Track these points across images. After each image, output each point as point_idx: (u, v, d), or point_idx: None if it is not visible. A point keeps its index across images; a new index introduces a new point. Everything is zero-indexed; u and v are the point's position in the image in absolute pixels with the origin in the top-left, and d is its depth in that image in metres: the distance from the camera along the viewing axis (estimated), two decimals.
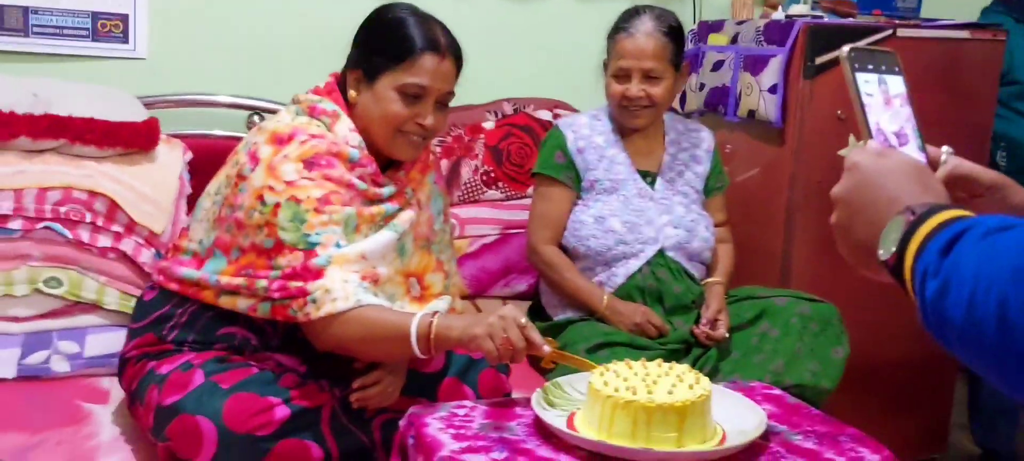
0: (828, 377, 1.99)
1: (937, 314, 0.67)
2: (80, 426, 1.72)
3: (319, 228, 1.49)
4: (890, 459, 1.30)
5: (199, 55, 2.43)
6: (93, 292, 1.96)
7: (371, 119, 1.62)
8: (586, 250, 2.13)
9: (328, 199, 1.52)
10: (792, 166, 2.34)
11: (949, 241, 0.68)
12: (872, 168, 0.81)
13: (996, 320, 0.61)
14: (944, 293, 0.66)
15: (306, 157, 1.54)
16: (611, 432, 1.25)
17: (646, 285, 2.11)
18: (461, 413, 1.36)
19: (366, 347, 1.49)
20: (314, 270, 1.47)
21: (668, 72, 2.10)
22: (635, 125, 2.15)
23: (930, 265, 0.69)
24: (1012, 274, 0.60)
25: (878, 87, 0.88)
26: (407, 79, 1.59)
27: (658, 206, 2.16)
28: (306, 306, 1.46)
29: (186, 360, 1.56)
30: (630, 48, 2.08)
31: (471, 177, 2.49)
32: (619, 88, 2.11)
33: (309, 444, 1.49)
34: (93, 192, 1.97)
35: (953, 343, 0.67)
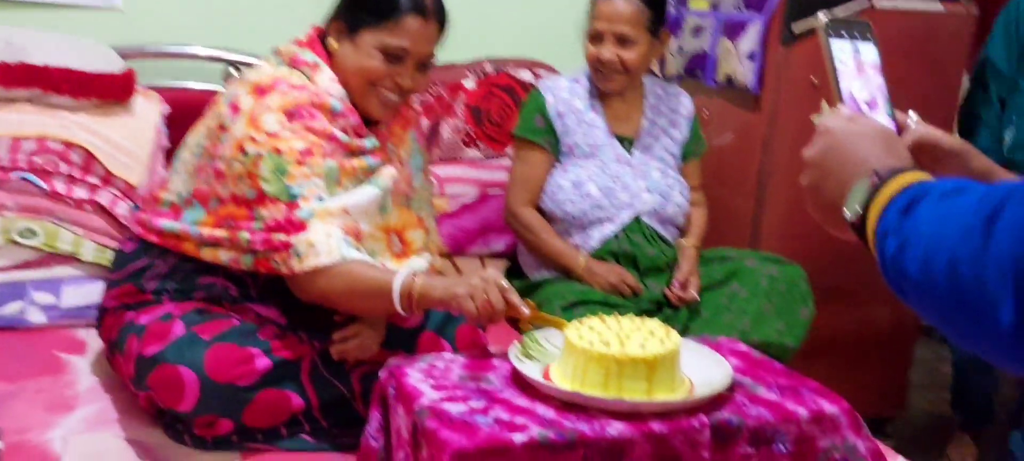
0: (793, 336, 2.06)
1: (896, 270, 0.72)
2: (58, 376, 1.73)
3: (301, 180, 1.51)
4: (847, 410, 1.36)
5: (176, 6, 2.40)
6: (69, 243, 1.96)
7: (348, 71, 1.62)
8: (563, 214, 2.17)
9: (310, 151, 1.53)
10: (766, 132, 2.38)
11: (909, 202, 0.72)
12: (842, 132, 0.85)
13: (947, 273, 0.65)
14: (902, 250, 0.70)
15: (288, 108, 1.55)
16: (584, 382, 1.29)
17: (620, 249, 2.15)
18: (440, 365, 1.39)
19: (349, 301, 1.52)
20: (297, 222, 1.49)
21: (643, 38, 2.11)
22: (609, 89, 2.17)
23: (891, 224, 0.73)
24: (962, 232, 0.64)
25: (852, 55, 0.92)
26: (389, 39, 1.59)
27: (635, 171, 2.19)
28: (290, 259, 1.48)
29: (166, 311, 1.58)
30: (606, 11, 2.10)
31: (451, 136, 2.50)
32: (594, 50, 2.13)
33: (289, 394, 1.52)
34: (68, 142, 1.96)
35: (911, 297, 0.71)
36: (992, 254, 0.61)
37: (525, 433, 1.18)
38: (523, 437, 1.17)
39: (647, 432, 1.23)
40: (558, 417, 1.24)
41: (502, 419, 1.22)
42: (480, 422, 1.20)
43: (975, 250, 0.62)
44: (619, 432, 1.22)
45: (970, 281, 0.63)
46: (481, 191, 2.47)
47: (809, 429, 1.31)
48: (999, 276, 0.60)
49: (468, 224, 2.42)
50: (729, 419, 1.28)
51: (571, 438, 1.19)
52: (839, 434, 1.33)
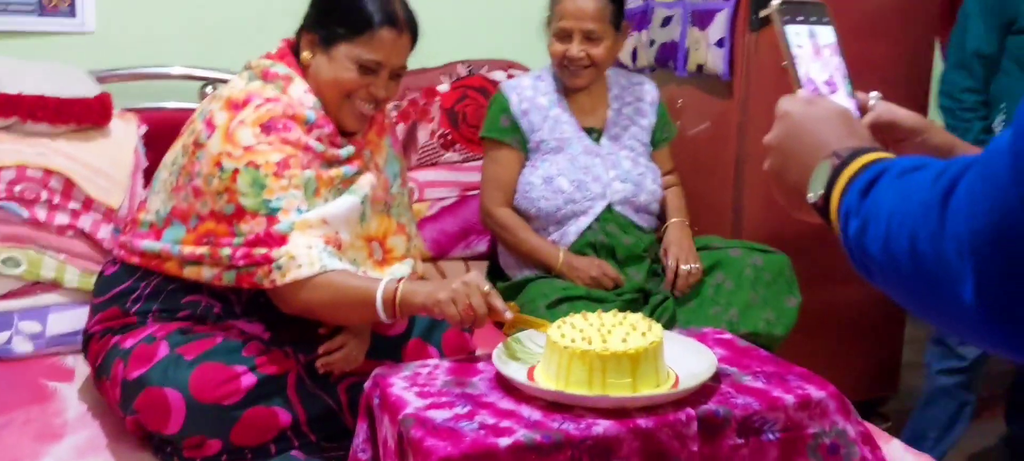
0: (781, 325, 2.07)
1: (859, 250, 0.72)
2: (47, 404, 1.72)
3: (279, 193, 1.51)
4: (835, 394, 1.36)
5: (149, 27, 2.40)
6: (53, 271, 1.95)
7: (323, 82, 1.63)
8: (537, 211, 2.18)
9: (287, 163, 1.53)
10: (740, 117, 2.39)
11: (868, 182, 0.72)
12: (801, 115, 0.85)
13: (908, 251, 0.65)
14: (864, 230, 0.70)
15: (262, 121, 1.55)
16: (569, 381, 1.29)
17: (597, 240, 2.16)
18: (425, 372, 1.39)
19: (333, 312, 1.52)
20: (277, 236, 1.49)
21: (608, 32, 2.13)
22: (576, 84, 2.18)
23: (852, 205, 0.73)
24: (920, 208, 0.64)
25: (808, 38, 0.91)
26: (363, 53, 1.60)
27: (605, 161, 2.20)
28: (272, 273, 1.48)
29: (149, 333, 1.58)
30: (571, 9, 2.11)
31: (428, 140, 2.50)
32: (560, 48, 2.14)
33: (277, 410, 1.52)
34: (48, 170, 1.96)
35: (875, 276, 0.71)
36: (949, 230, 0.61)
37: (511, 436, 1.18)
38: (508, 441, 1.17)
39: (634, 428, 1.23)
40: (544, 418, 1.24)
41: (487, 423, 1.22)
42: (465, 428, 1.20)
43: (933, 227, 0.62)
44: (605, 430, 1.21)
45: (930, 258, 0.63)
46: (461, 193, 2.47)
47: (797, 416, 1.32)
48: (957, 252, 0.60)
49: (449, 227, 2.42)
50: (716, 410, 1.28)
51: (557, 439, 1.19)
52: (828, 419, 1.34)
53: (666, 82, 2.68)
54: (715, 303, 2.08)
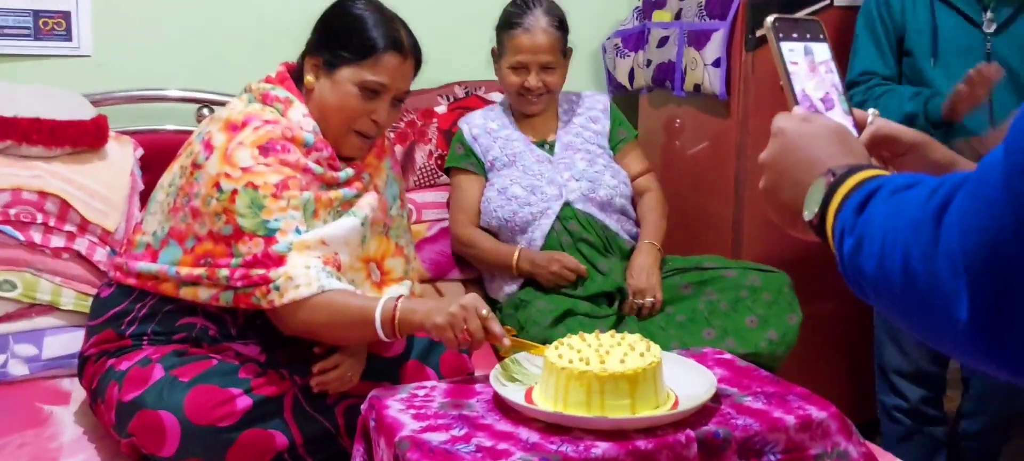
0: (784, 344, 2.06)
1: (854, 268, 0.71)
2: (42, 428, 1.71)
3: (278, 214, 1.50)
4: (836, 415, 1.34)
5: (145, 50, 2.40)
6: (48, 293, 1.94)
7: (327, 107, 1.64)
8: (498, 222, 2.25)
9: (285, 184, 1.53)
10: (738, 137, 2.39)
11: (863, 200, 0.72)
12: (796, 133, 0.84)
13: (901, 269, 0.64)
14: (858, 248, 0.70)
15: (261, 143, 1.55)
16: (567, 403, 1.28)
17: (562, 241, 2.20)
18: (421, 394, 1.38)
19: (332, 332, 1.51)
20: (276, 257, 1.48)
21: (560, 61, 2.26)
22: (533, 112, 2.29)
23: (847, 223, 0.72)
24: (913, 226, 0.63)
25: (803, 55, 0.91)
26: (368, 76, 1.62)
27: (557, 166, 2.28)
28: (269, 293, 1.48)
29: (145, 355, 1.57)
30: (527, 44, 2.21)
31: (425, 162, 2.50)
32: (517, 80, 2.24)
33: (273, 433, 1.51)
34: (43, 193, 1.96)
35: (869, 295, 0.71)
36: (942, 248, 0.60)
37: (508, 459, 1.17)
38: None
39: (633, 450, 1.21)
40: (542, 440, 1.22)
41: (484, 446, 1.20)
42: (462, 451, 1.19)
43: (926, 245, 0.62)
44: (604, 452, 1.20)
45: (924, 277, 0.62)
46: None
47: (798, 437, 1.30)
48: (951, 270, 0.59)
49: (448, 248, 2.42)
50: (716, 432, 1.26)
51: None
52: (829, 440, 1.32)
53: (664, 102, 2.69)
54: (709, 324, 2.07)
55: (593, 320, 2.02)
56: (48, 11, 2.30)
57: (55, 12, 2.31)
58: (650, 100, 2.76)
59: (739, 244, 2.44)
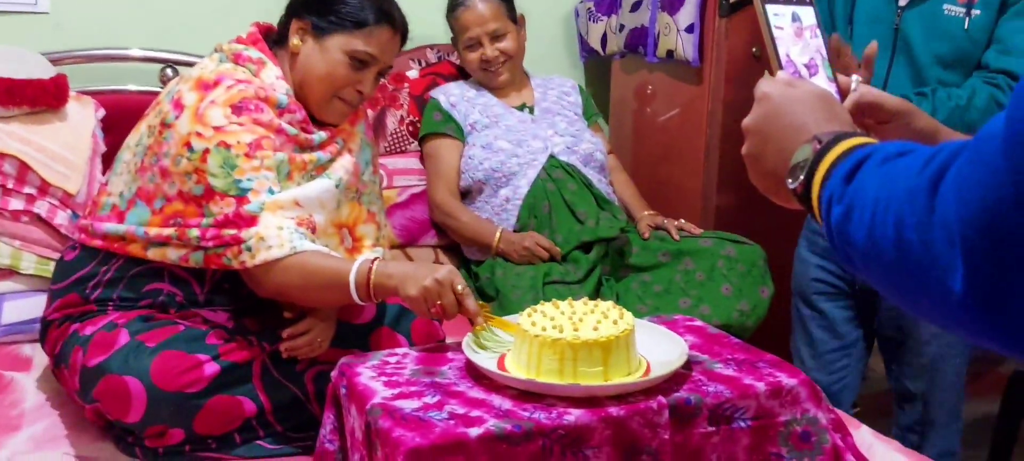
0: (754, 316, 2.09)
1: (842, 238, 0.69)
2: (2, 395, 1.68)
3: (251, 173, 1.48)
4: (806, 381, 1.36)
5: (106, 7, 2.33)
6: (7, 257, 1.91)
7: (311, 72, 1.62)
8: (484, 175, 2.27)
9: (259, 144, 1.51)
10: (710, 105, 2.39)
11: (852, 168, 0.70)
12: (781, 98, 0.82)
13: (893, 239, 0.63)
14: (847, 218, 0.68)
15: (234, 102, 1.52)
16: (540, 370, 1.27)
17: (547, 188, 2.24)
18: (393, 361, 1.37)
19: (304, 293, 1.49)
20: (247, 217, 1.46)
21: (510, 27, 2.35)
22: (500, 83, 2.38)
23: (835, 191, 0.71)
24: (907, 195, 0.62)
25: (789, 20, 0.90)
26: (360, 46, 1.61)
27: (539, 124, 2.35)
28: (241, 254, 1.45)
29: (110, 320, 1.54)
30: (472, 18, 2.32)
31: (397, 128, 2.48)
32: (475, 56, 2.35)
33: (241, 399, 1.49)
34: (0, 153, 1.90)
35: (857, 264, 0.69)
36: (938, 218, 0.59)
37: (481, 426, 1.16)
38: (479, 430, 1.15)
39: (605, 417, 1.21)
40: (514, 407, 1.22)
41: (457, 413, 1.20)
42: (434, 418, 1.18)
43: (921, 214, 0.60)
44: (577, 419, 1.20)
45: (917, 247, 0.60)
46: None
47: (768, 403, 1.31)
48: (947, 241, 0.58)
49: (419, 214, 2.40)
50: (687, 398, 1.27)
51: (528, 428, 1.17)
52: (799, 407, 1.33)
53: (636, 68, 2.67)
54: (685, 294, 2.09)
55: (569, 287, 2.03)
56: None
57: None
58: (622, 65, 2.75)
59: (708, 213, 2.44)
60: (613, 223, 2.24)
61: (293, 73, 1.64)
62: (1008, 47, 1.83)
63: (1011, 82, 1.82)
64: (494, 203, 2.28)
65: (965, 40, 1.86)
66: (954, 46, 1.87)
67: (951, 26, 1.86)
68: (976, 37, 1.86)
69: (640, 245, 2.21)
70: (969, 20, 1.85)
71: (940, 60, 1.87)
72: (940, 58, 1.87)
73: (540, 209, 2.24)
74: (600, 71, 2.90)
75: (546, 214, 2.24)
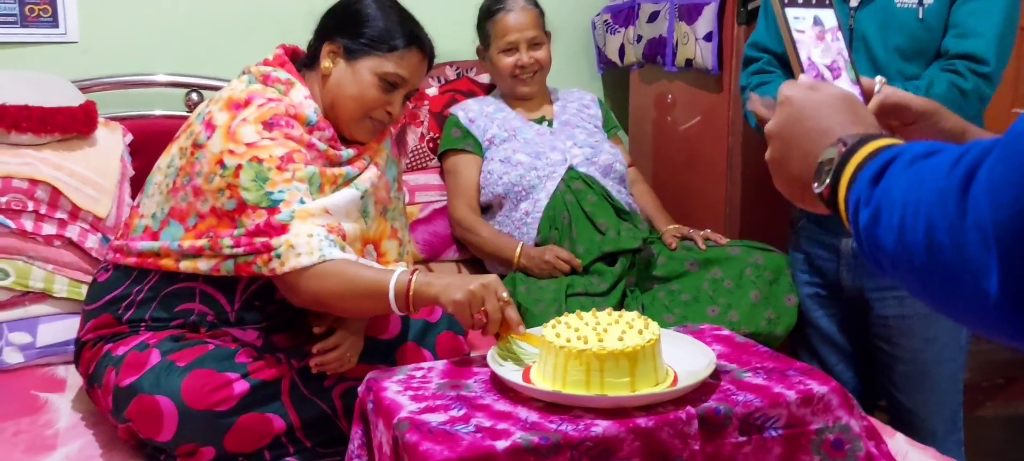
0: (782, 324, 2.07)
1: (871, 241, 0.68)
2: (38, 415, 1.70)
3: (282, 185, 1.50)
4: (837, 389, 1.34)
5: (133, 35, 2.38)
6: (41, 281, 1.94)
7: (343, 93, 1.65)
8: (504, 189, 2.28)
9: (290, 157, 1.52)
10: (731, 112, 2.38)
11: (879, 170, 0.69)
12: (804, 102, 0.81)
13: (924, 242, 0.61)
14: (876, 221, 0.67)
15: (265, 118, 1.55)
16: (566, 382, 1.27)
17: (566, 200, 2.24)
18: (418, 375, 1.38)
19: (342, 302, 1.49)
20: (278, 226, 1.47)
21: (544, 38, 2.40)
22: (527, 92, 2.39)
23: (862, 194, 0.69)
24: (937, 197, 0.61)
25: (810, 23, 0.89)
26: (390, 69, 1.64)
27: (558, 137, 2.35)
28: (271, 262, 1.47)
29: (142, 340, 1.56)
30: (513, 23, 2.35)
31: (417, 144, 2.50)
32: (510, 60, 2.36)
33: (271, 416, 1.50)
34: (33, 180, 1.94)
35: (887, 268, 0.67)
36: (971, 219, 0.57)
37: (508, 439, 1.16)
38: (506, 443, 1.15)
39: (634, 428, 1.21)
40: (541, 420, 1.22)
41: (484, 426, 1.20)
42: (461, 431, 1.18)
43: (952, 216, 0.59)
44: (605, 430, 1.19)
45: (949, 250, 0.59)
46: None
47: (800, 412, 1.30)
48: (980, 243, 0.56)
49: (442, 229, 2.42)
50: (717, 408, 1.26)
51: (556, 440, 1.17)
52: (831, 414, 1.32)
53: (655, 78, 2.68)
54: (713, 301, 2.08)
55: (593, 299, 2.03)
56: None
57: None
58: (641, 76, 2.75)
59: (732, 221, 2.43)
60: (635, 234, 2.23)
61: (324, 94, 1.67)
62: (965, 30, 1.81)
63: (971, 65, 1.79)
64: (514, 217, 2.28)
65: (920, 30, 1.85)
66: (910, 37, 1.85)
67: (905, 18, 1.85)
68: (932, 25, 1.84)
69: (667, 255, 2.20)
70: (922, 10, 1.84)
71: (899, 53, 1.86)
72: (899, 51, 1.86)
73: (560, 221, 2.24)
74: (618, 82, 2.91)
75: (566, 225, 2.23)
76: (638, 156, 2.72)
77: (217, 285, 1.59)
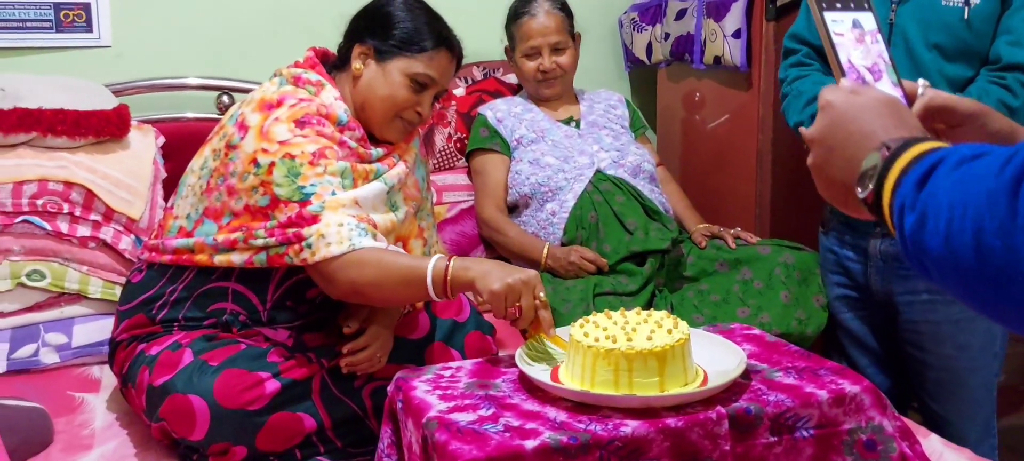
0: (812, 324, 2.05)
1: (916, 246, 0.67)
2: (74, 415, 1.73)
3: (314, 179, 1.51)
4: (870, 389, 1.32)
5: (164, 39, 2.41)
6: (76, 282, 1.96)
7: (373, 94, 1.66)
8: (531, 189, 2.28)
9: (322, 153, 1.54)
10: (760, 110, 2.36)
11: (924, 173, 0.67)
12: (845, 106, 0.80)
13: (973, 246, 0.60)
14: (922, 225, 0.65)
15: (297, 117, 1.57)
16: (594, 381, 1.27)
17: (594, 200, 2.24)
18: (447, 374, 1.38)
19: (380, 290, 1.48)
20: (309, 217, 1.49)
21: (569, 42, 2.40)
22: (551, 95, 2.42)
23: (907, 198, 0.68)
24: (986, 199, 0.60)
25: (849, 26, 0.88)
26: (420, 69, 1.66)
27: (585, 139, 2.35)
28: (302, 252, 1.48)
29: (175, 340, 1.58)
30: (536, 27, 2.36)
31: (445, 145, 2.50)
32: (533, 65, 2.38)
33: (301, 416, 1.51)
34: (68, 183, 1.97)
35: (933, 273, 0.66)
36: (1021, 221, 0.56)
37: (536, 439, 1.16)
38: (535, 443, 1.15)
39: (663, 428, 1.20)
40: (570, 419, 1.22)
41: (512, 426, 1.20)
42: (490, 431, 1.18)
43: (1002, 218, 0.58)
44: (634, 430, 1.19)
45: (1000, 253, 0.58)
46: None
47: (831, 412, 1.28)
48: None
49: (469, 229, 2.43)
50: (747, 408, 1.25)
51: (585, 440, 1.17)
52: (863, 414, 1.30)
53: (683, 76, 2.66)
54: (743, 303, 2.06)
55: (621, 299, 2.02)
56: (68, 3, 2.31)
57: (75, 4, 2.32)
58: (669, 74, 2.73)
59: (763, 220, 2.41)
60: (664, 234, 2.21)
61: (354, 95, 1.68)
62: (1020, 38, 1.75)
63: (1022, 78, 1.73)
64: (540, 217, 2.28)
65: (965, 31, 1.79)
66: (953, 36, 1.80)
67: (949, 17, 1.79)
68: (978, 28, 1.79)
69: (696, 254, 2.19)
70: (968, 10, 1.78)
71: (940, 52, 1.81)
72: (940, 50, 1.81)
73: (587, 220, 2.24)
74: (646, 81, 2.89)
75: (593, 224, 2.23)
76: (667, 155, 2.71)
77: (249, 284, 1.61)
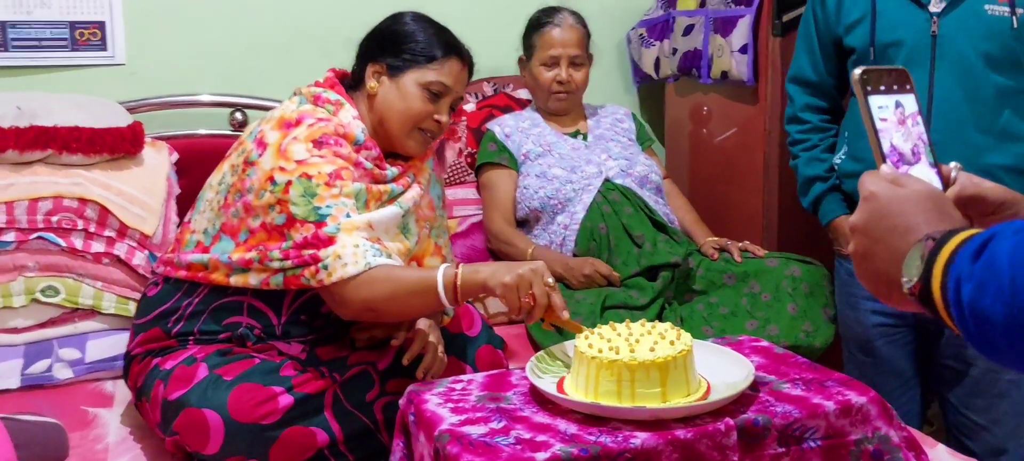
0: (820, 337, 2.05)
1: (977, 316, 0.65)
2: (88, 430, 1.74)
3: (330, 200, 1.53)
4: (876, 399, 1.33)
5: (178, 57, 2.44)
6: (90, 298, 1.98)
7: (390, 109, 1.69)
8: (540, 202, 2.30)
9: (339, 174, 1.56)
10: (767, 123, 2.38)
11: (979, 246, 0.67)
12: (888, 198, 0.80)
13: None
14: (981, 292, 0.64)
15: (315, 137, 1.59)
16: (598, 392, 1.28)
17: (603, 211, 2.25)
18: (458, 388, 1.39)
19: (392, 305, 1.51)
20: (325, 238, 1.51)
21: (586, 60, 2.42)
22: (561, 109, 2.43)
23: (963, 270, 0.67)
24: None
25: (892, 108, 0.88)
26: (433, 77, 1.69)
27: (593, 150, 2.37)
28: (318, 273, 1.50)
29: (190, 354, 1.59)
30: (558, 37, 2.38)
31: (455, 159, 2.53)
32: (549, 74, 2.39)
33: (314, 430, 1.53)
34: (83, 199, 1.99)
35: (1000, 342, 0.64)
36: None
37: (547, 451, 1.17)
38: (545, 455, 1.16)
39: (672, 439, 1.21)
40: (580, 432, 1.23)
41: (523, 438, 1.21)
42: (501, 443, 1.20)
43: None
44: (644, 442, 1.20)
45: None
46: None
47: (838, 422, 1.29)
48: None
49: (479, 243, 2.44)
50: (755, 419, 1.26)
51: (595, 452, 1.18)
52: (870, 425, 1.31)
53: (690, 91, 2.68)
54: (752, 316, 2.07)
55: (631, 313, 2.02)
56: (83, 22, 2.35)
57: (90, 23, 2.35)
58: (676, 89, 2.75)
59: (770, 233, 2.42)
60: (673, 247, 2.22)
61: (371, 113, 1.71)
62: None
63: None
64: (551, 230, 2.30)
65: (1014, 39, 1.79)
66: (1001, 45, 1.79)
67: (997, 26, 1.79)
68: None
69: (705, 267, 2.19)
70: (1016, 19, 1.77)
71: (988, 61, 1.80)
72: (988, 59, 1.80)
73: (598, 233, 2.25)
74: (654, 95, 2.91)
75: (604, 236, 2.24)
76: (674, 168, 2.72)
77: (265, 299, 1.63)
